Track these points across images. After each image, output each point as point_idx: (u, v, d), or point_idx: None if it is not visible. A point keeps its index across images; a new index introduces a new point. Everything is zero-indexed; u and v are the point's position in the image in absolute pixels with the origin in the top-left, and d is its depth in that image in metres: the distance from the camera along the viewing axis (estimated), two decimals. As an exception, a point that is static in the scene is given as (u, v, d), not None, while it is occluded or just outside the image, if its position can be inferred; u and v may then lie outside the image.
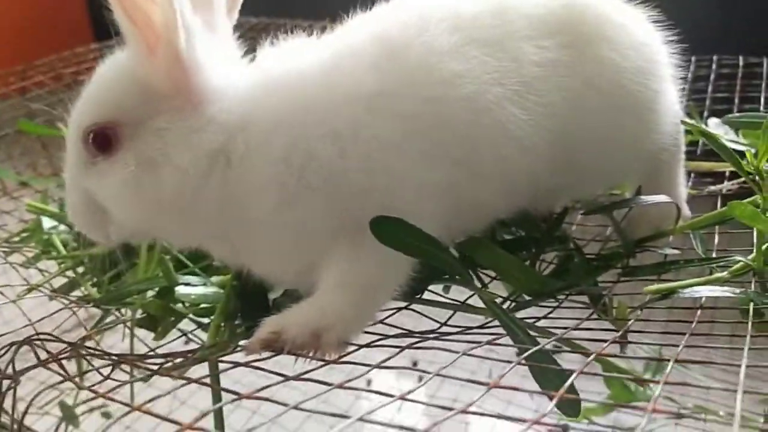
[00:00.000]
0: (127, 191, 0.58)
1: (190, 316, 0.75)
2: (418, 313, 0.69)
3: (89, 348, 0.65)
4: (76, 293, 0.86)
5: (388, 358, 0.53)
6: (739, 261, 0.62)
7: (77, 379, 0.57)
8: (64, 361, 0.63)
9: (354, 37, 0.64)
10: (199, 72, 0.58)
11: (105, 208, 0.61)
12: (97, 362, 0.61)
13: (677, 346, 0.51)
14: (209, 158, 0.58)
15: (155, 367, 0.57)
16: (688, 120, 0.83)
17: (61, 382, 0.53)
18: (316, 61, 0.61)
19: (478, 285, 0.68)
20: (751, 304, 0.56)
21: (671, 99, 0.77)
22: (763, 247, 0.61)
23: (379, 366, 0.50)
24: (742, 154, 0.69)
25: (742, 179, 0.84)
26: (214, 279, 0.76)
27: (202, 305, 0.74)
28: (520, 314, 0.64)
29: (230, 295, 0.71)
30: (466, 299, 0.69)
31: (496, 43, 0.62)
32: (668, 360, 0.45)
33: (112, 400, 0.45)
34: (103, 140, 0.59)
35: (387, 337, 0.62)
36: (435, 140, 0.59)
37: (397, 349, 0.56)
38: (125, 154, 0.58)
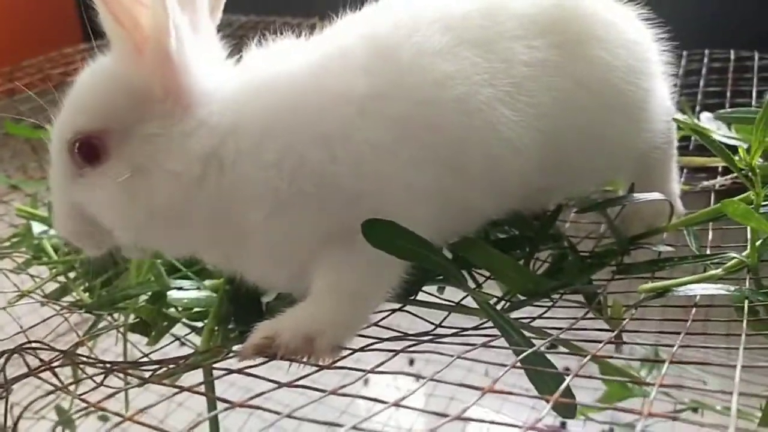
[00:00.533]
0: (118, 201, 0.57)
1: (184, 320, 0.74)
2: (413, 314, 0.69)
3: (81, 355, 0.65)
4: (68, 298, 0.85)
5: (384, 362, 0.53)
6: (734, 258, 0.62)
7: (71, 387, 0.57)
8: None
9: (344, 37, 0.63)
10: (189, 74, 0.57)
11: (95, 219, 0.59)
12: (90, 369, 0.61)
13: (673, 345, 0.51)
14: (202, 163, 0.56)
15: (148, 374, 0.57)
16: (680, 116, 0.83)
17: (53, 391, 0.52)
18: (306, 62, 0.60)
19: (472, 285, 0.68)
20: (746, 302, 0.56)
21: (662, 96, 0.77)
22: (757, 243, 0.61)
23: (374, 371, 0.50)
24: (734, 149, 0.69)
25: (736, 174, 0.84)
26: (207, 283, 0.75)
27: (195, 309, 0.73)
28: (514, 314, 0.64)
29: (223, 299, 0.70)
30: (461, 300, 0.68)
31: (486, 44, 0.62)
32: (664, 361, 0.45)
33: (103, 410, 0.44)
34: (89, 150, 0.57)
35: (382, 340, 0.61)
36: (426, 143, 0.59)
37: (393, 352, 0.56)
38: (114, 162, 0.57)
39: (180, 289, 0.73)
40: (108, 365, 0.58)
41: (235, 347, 0.61)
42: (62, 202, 0.60)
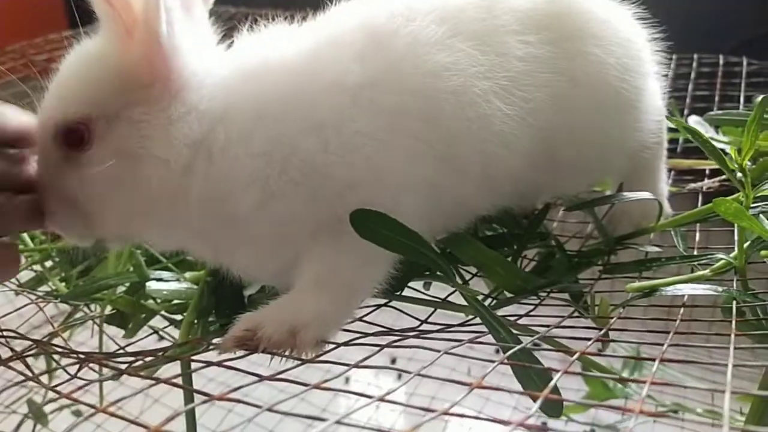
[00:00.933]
0: (105, 188, 0.55)
1: (162, 313, 0.72)
2: (398, 310, 0.68)
3: (56, 346, 0.63)
4: (44, 288, 0.83)
5: (367, 357, 0.52)
6: (721, 259, 0.62)
7: (44, 379, 0.55)
8: (32, 359, 0.60)
9: (338, 25, 0.62)
10: (179, 57, 0.55)
11: (82, 208, 0.57)
12: (64, 361, 0.59)
13: (656, 344, 0.51)
14: (190, 150, 0.55)
15: (124, 366, 0.55)
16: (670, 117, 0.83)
17: (24, 381, 0.50)
18: (298, 49, 0.59)
19: (459, 282, 0.67)
20: (734, 303, 0.55)
21: (654, 96, 0.77)
22: (745, 245, 0.61)
23: (357, 365, 0.49)
24: (723, 151, 0.69)
25: (723, 177, 0.84)
26: (188, 275, 0.73)
27: (175, 301, 0.71)
28: (500, 312, 0.63)
29: (204, 291, 0.68)
30: (447, 296, 0.67)
31: (482, 37, 0.61)
32: (652, 360, 0.45)
33: (76, 400, 0.42)
34: (75, 136, 0.55)
35: (366, 335, 0.60)
36: (420, 135, 0.58)
37: (377, 348, 0.55)
38: (100, 148, 0.55)
39: (159, 280, 0.71)
40: (82, 356, 0.56)
41: (215, 340, 0.59)
42: (47, 188, 0.58)
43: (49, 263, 0.84)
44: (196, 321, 0.67)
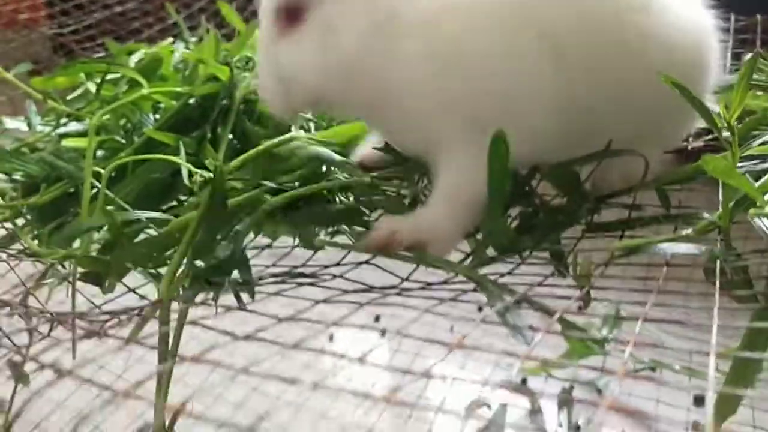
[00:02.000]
0: (312, 56, 0.64)
1: (140, 269, 0.70)
2: (380, 267, 0.67)
3: (28, 306, 0.61)
4: (17, 246, 0.81)
5: (348, 315, 0.52)
6: (705, 218, 0.61)
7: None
8: (6, 319, 0.59)
9: None
10: None
11: (291, 76, 0.65)
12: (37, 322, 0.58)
13: (637, 302, 0.51)
14: (378, 28, 0.63)
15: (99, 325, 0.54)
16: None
17: (-6, 341, 0.49)
18: None
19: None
20: (718, 262, 0.55)
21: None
22: (730, 204, 0.60)
23: (337, 323, 0.48)
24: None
25: (708, 137, 0.83)
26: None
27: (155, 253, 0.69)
28: (481, 271, 0.63)
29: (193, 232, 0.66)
30: (429, 254, 0.67)
31: None
32: (635, 319, 0.44)
33: (40, 363, 0.41)
34: (293, 13, 0.65)
35: (347, 292, 0.60)
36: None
37: (358, 305, 0.54)
38: (311, 22, 0.64)
39: (137, 222, 0.69)
40: (53, 315, 0.54)
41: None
42: (266, 61, 0.68)
43: (20, 221, 0.82)
44: (175, 275, 0.65)
